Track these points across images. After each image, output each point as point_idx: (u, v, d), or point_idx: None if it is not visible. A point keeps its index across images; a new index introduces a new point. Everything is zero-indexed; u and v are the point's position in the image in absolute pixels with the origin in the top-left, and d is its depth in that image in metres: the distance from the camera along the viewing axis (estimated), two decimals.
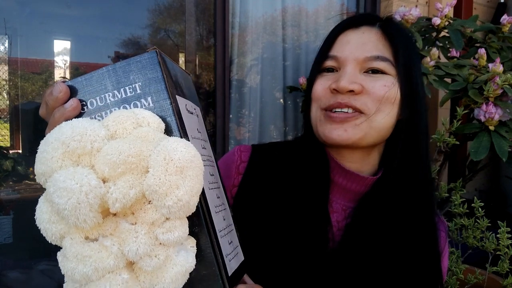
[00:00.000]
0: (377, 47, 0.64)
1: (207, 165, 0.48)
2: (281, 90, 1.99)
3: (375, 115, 0.62)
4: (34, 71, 1.76)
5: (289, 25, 2.00)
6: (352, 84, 0.61)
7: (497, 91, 1.24)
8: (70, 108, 0.43)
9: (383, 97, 0.62)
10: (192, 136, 0.46)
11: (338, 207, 0.68)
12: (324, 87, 0.65)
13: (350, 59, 0.64)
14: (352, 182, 0.67)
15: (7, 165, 1.68)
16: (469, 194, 2.13)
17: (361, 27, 0.67)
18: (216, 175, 0.53)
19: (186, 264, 0.41)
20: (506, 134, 1.24)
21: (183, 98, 0.48)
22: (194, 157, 0.40)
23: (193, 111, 0.51)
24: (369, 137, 0.63)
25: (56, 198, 0.35)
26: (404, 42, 0.65)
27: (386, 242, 0.64)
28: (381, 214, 0.65)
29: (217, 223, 0.46)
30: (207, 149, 0.52)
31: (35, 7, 1.68)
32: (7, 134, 1.74)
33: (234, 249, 0.51)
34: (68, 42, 1.78)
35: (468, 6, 2.29)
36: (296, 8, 2.02)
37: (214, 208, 0.47)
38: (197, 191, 0.40)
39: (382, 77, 0.63)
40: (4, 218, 1.68)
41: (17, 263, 1.69)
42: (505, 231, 1.28)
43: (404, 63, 0.64)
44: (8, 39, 1.66)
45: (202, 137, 0.51)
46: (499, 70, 1.30)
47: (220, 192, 0.53)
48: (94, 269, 0.37)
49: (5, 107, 1.75)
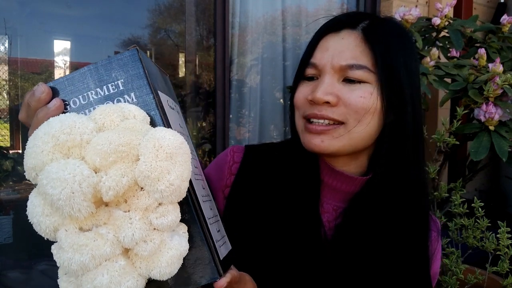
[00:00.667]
0: (354, 54, 0.62)
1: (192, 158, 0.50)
2: (281, 90, 1.99)
3: (355, 127, 0.62)
4: (34, 71, 1.77)
5: (289, 25, 2.00)
6: (327, 95, 0.61)
7: (497, 91, 1.24)
8: (54, 108, 0.44)
9: (361, 108, 0.61)
10: (175, 130, 0.47)
11: (329, 208, 0.68)
12: (303, 96, 0.65)
13: (328, 68, 0.63)
14: (342, 183, 0.67)
15: (7, 165, 1.68)
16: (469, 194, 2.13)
17: (341, 31, 0.65)
18: (199, 168, 0.55)
19: (181, 247, 0.42)
20: (506, 134, 1.24)
21: (164, 94, 0.50)
22: (182, 144, 0.42)
23: (174, 107, 0.53)
24: (348, 147, 0.63)
25: (50, 189, 0.36)
26: (387, 43, 0.63)
27: (376, 242, 0.64)
28: (371, 214, 0.65)
29: (205, 211, 0.48)
30: (190, 144, 0.53)
31: (35, 7, 1.68)
32: (7, 134, 1.74)
33: (222, 237, 0.52)
34: (68, 42, 1.79)
35: (468, 6, 2.29)
36: (296, 8, 2.02)
37: (201, 197, 0.49)
38: (187, 177, 0.42)
39: (360, 86, 0.62)
40: (4, 218, 1.68)
41: (17, 263, 1.69)
42: (505, 231, 1.28)
43: (385, 66, 0.62)
44: (8, 39, 1.66)
45: (184, 132, 0.53)
46: (499, 70, 1.30)
47: (205, 184, 0.54)
48: (91, 257, 0.38)
49: (5, 107, 1.75)
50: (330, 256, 0.64)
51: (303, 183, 0.67)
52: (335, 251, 0.64)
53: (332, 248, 0.64)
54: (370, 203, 0.65)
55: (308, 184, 0.67)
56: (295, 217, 0.66)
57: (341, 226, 0.65)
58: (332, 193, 0.68)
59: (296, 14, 2.02)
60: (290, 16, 2.00)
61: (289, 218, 0.65)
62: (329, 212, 0.68)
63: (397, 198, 0.65)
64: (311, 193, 0.67)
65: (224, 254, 0.50)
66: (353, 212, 0.66)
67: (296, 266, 0.63)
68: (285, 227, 0.65)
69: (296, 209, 0.66)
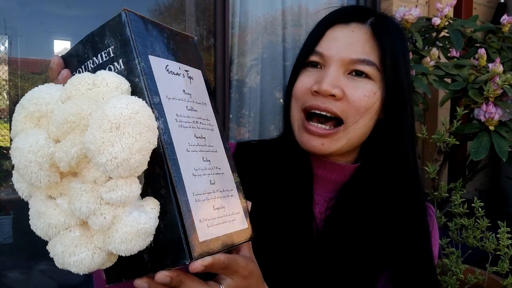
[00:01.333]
0: (364, 49, 0.62)
1: (189, 127, 0.46)
2: (281, 90, 1.99)
3: (353, 125, 0.61)
4: (34, 71, 1.77)
5: (289, 25, 2.00)
6: (334, 88, 0.60)
7: (497, 91, 1.24)
8: (61, 78, 0.45)
9: (362, 107, 0.61)
10: (169, 97, 0.45)
11: (320, 199, 0.68)
12: (305, 86, 0.63)
13: (335, 59, 0.62)
14: (332, 172, 0.67)
15: (7, 165, 1.68)
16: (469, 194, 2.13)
17: (351, 24, 0.64)
18: (211, 138, 0.50)
19: (137, 225, 0.40)
20: (506, 134, 1.24)
21: (163, 58, 0.46)
22: (135, 113, 0.39)
23: (181, 72, 0.49)
24: (346, 146, 0.63)
25: (13, 158, 0.39)
26: (393, 43, 0.63)
27: (368, 230, 0.64)
28: (361, 202, 0.65)
29: (194, 185, 0.44)
30: (200, 111, 0.50)
31: (35, 7, 1.68)
32: (7, 134, 1.74)
33: (226, 216, 0.47)
34: (68, 42, 1.79)
35: (468, 6, 2.29)
36: (296, 8, 2.02)
37: (191, 170, 0.45)
38: (139, 149, 0.39)
39: (364, 83, 0.62)
40: (4, 218, 1.68)
41: (17, 263, 1.69)
42: (505, 231, 1.28)
43: (391, 66, 0.62)
44: (8, 39, 1.66)
45: (192, 99, 0.49)
46: (499, 70, 1.30)
47: (216, 157, 0.49)
48: (47, 226, 0.40)
49: (5, 107, 1.75)
50: (322, 248, 0.64)
51: (295, 178, 0.67)
52: (327, 242, 0.64)
53: (323, 240, 0.64)
54: (359, 191, 0.65)
55: (300, 179, 0.67)
56: (288, 212, 0.65)
57: (331, 217, 0.66)
58: (323, 184, 0.68)
59: (296, 14, 2.02)
60: (290, 16, 2.00)
61: (281, 213, 0.65)
62: (320, 203, 0.68)
63: (390, 186, 0.65)
64: (303, 189, 0.67)
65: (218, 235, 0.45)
66: (343, 202, 0.66)
67: (289, 260, 0.63)
68: (278, 222, 0.65)
69: (289, 205, 0.66)
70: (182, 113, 0.46)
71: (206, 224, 0.44)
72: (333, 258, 0.63)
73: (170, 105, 0.45)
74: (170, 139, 0.43)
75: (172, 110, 0.45)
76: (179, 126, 0.45)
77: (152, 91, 0.43)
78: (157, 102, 0.43)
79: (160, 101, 0.44)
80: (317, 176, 0.68)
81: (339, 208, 0.65)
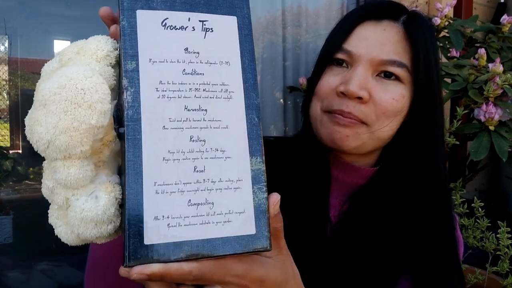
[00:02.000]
0: (397, 49, 0.58)
1: (179, 97, 0.38)
2: (281, 90, 1.99)
3: (377, 127, 0.59)
4: (34, 71, 1.76)
5: (289, 25, 2.00)
6: (361, 90, 0.56)
7: (497, 91, 1.24)
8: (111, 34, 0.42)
9: (390, 111, 0.58)
10: (153, 60, 0.37)
11: (336, 202, 0.66)
12: (330, 86, 0.60)
13: (364, 59, 0.58)
14: (349, 175, 0.64)
15: (7, 165, 1.68)
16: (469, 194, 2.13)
17: (383, 21, 0.60)
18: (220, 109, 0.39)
19: (81, 212, 0.37)
20: (506, 134, 1.24)
21: (161, 10, 0.39)
22: (62, 88, 0.34)
23: (189, 25, 0.39)
24: (367, 146, 0.60)
25: None
26: (426, 44, 0.59)
27: (384, 234, 0.61)
28: (376, 207, 0.62)
29: (159, 173, 0.36)
30: (210, 74, 0.39)
31: (35, 7, 1.68)
32: (7, 134, 1.74)
33: (212, 215, 0.37)
34: (68, 42, 1.78)
35: (468, 6, 2.28)
36: (297, 8, 2.02)
37: (161, 153, 0.36)
38: (64, 129, 0.34)
39: (394, 86, 0.58)
40: (4, 218, 1.68)
41: (17, 263, 1.68)
42: (505, 231, 1.27)
43: (423, 68, 0.59)
44: (8, 39, 1.66)
45: (199, 59, 0.39)
46: (499, 70, 1.30)
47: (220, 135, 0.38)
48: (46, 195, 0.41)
49: (5, 107, 1.75)
50: (335, 252, 0.61)
51: (312, 180, 0.64)
52: (339, 247, 0.62)
53: (336, 244, 0.62)
54: (376, 195, 0.62)
55: (318, 181, 0.64)
56: (302, 214, 0.63)
57: (344, 221, 0.63)
58: (340, 187, 0.65)
59: (297, 14, 2.02)
60: (291, 16, 2.00)
61: (295, 215, 0.62)
62: (335, 206, 0.65)
63: (415, 190, 0.62)
64: (320, 191, 0.64)
65: (187, 239, 0.35)
66: (356, 206, 0.63)
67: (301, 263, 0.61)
68: (290, 223, 0.61)
69: (304, 207, 0.63)
70: (172, 80, 0.38)
71: (166, 223, 0.35)
72: (347, 263, 0.60)
73: (153, 70, 0.37)
74: (137, 114, 0.36)
75: (153, 76, 0.37)
76: (160, 97, 0.37)
77: (127, 55, 0.37)
78: (131, 69, 0.37)
79: (136, 67, 0.37)
80: (334, 178, 0.65)
81: (351, 212, 0.63)
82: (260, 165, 0.39)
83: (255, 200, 0.38)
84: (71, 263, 1.69)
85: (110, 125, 0.39)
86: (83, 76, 0.35)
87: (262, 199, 0.39)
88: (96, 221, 0.37)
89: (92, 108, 0.35)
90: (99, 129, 0.37)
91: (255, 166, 0.39)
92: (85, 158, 0.37)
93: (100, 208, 0.37)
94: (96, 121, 0.35)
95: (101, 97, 0.36)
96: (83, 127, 0.35)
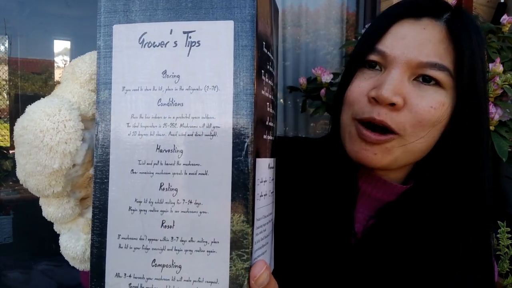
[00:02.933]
0: (437, 51, 0.51)
1: (151, 134, 0.32)
2: (281, 90, 1.99)
3: (410, 138, 0.52)
4: (34, 71, 1.76)
5: (289, 25, 2.00)
6: (395, 96, 0.50)
7: (497, 91, 1.24)
8: None
9: (427, 120, 0.51)
10: (127, 88, 0.33)
11: (360, 217, 0.60)
12: (361, 91, 0.53)
13: (400, 61, 0.51)
14: (379, 190, 0.58)
15: (7, 165, 1.68)
16: None
17: (422, 19, 0.53)
18: (200, 150, 0.31)
19: (64, 249, 0.36)
20: (506, 134, 1.24)
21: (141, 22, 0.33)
22: (24, 129, 0.32)
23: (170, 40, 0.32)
24: (400, 160, 0.54)
25: None
26: (472, 45, 0.53)
27: (409, 257, 0.55)
28: (404, 227, 0.55)
29: (125, 225, 0.31)
30: (191, 104, 0.32)
31: (35, 7, 1.68)
32: (7, 134, 1.74)
33: (177, 280, 0.31)
34: (68, 42, 1.78)
35: (468, 6, 2.28)
36: (297, 8, 2.02)
37: (128, 202, 0.31)
38: (30, 173, 0.32)
39: (433, 92, 0.51)
40: (4, 218, 1.68)
41: (17, 263, 1.68)
42: (505, 231, 1.28)
43: (468, 73, 0.52)
44: (8, 39, 1.66)
45: (179, 84, 0.32)
46: (499, 70, 1.30)
47: (197, 184, 0.31)
48: None
49: (5, 107, 1.75)
50: (355, 266, 0.56)
51: (339, 192, 0.58)
52: (360, 262, 0.56)
53: (357, 259, 0.57)
54: (404, 215, 0.56)
55: (344, 194, 0.59)
56: (325, 227, 0.57)
57: (367, 237, 0.57)
58: (367, 202, 0.60)
59: (297, 14, 2.02)
60: (291, 16, 2.00)
61: (317, 226, 0.58)
62: (360, 222, 0.59)
63: (451, 215, 0.55)
64: (346, 204, 0.58)
65: None
66: (382, 224, 0.57)
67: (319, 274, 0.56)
68: (312, 235, 0.57)
69: (328, 219, 0.58)
70: (145, 113, 0.32)
71: (127, 282, 0.31)
72: (368, 279, 0.55)
73: (125, 101, 0.32)
74: (106, 154, 0.32)
75: (125, 109, 0.32)
76: (131, 134, 0.32)
77: (100, 83, 0.32)
78: (103, 99, 0.32)
79: (108, 97, 0.32)
80: (361, 192, 0.59)
81: (377, 229, 0.57)
82: (243, 226, 0.31)
83: (232, 270, 0.31)
84: None
85: (91, 160, 0.35)
86: (44, 115, 0.32)
87: (240, 270, 0.31)
88: (78, 259, 0.36)
89: (53, 151, 0.32)
90: (70, 169, 0.34)
91: (237, 226, 0.31)
92: (65, 196, 0.35)
93: (79, 249, 0.36)
94: (60, 164, 0.32)
95: (64, 137, 0.32)
96: (47, 171, 0.32)
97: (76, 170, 0.34)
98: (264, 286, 0.32)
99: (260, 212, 0.33)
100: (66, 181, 0.34)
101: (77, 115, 0.33)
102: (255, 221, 0.32)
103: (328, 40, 2.01)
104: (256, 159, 0.32)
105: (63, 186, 0.34)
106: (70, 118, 0.33)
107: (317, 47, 1.99)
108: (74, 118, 0.33)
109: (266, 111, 0.34)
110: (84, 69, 0.35)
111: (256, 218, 0.32)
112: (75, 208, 0.36)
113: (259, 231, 0.33)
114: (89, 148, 0.35)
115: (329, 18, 2.04)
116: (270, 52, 0.35)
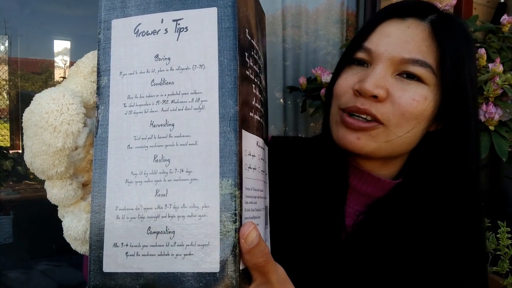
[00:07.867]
0: (420, 48, 0.53)
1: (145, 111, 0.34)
2: (281, 90, 1.99)
3: (395, 129, 0.54)
4: (34, 71, 1.76)
5: (289, 25, 2.00)
6: (377, 88, 0.52)
7: (497, 91, 1.24)
8: None
9: (409, 112, 0.53)
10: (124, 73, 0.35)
11: (351, 212, 0.61)
12: (347, 84, 0.56)
13: (384, 57, 0.54)
14: (368, 185, 0.60)
15: (7, 165, 1.68)
16: None
17: (407, 19, 0.56)
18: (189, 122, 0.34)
19: (67, 230, 0.38)
20: (506, 134, 1.24)
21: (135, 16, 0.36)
22: (31, 113, 0.35)
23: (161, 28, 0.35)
24: (383, 150, 0.55)
25: None
26: (456, 44, 0.55)
27: (399, 252, 0.56)
28: (393, 223, 0.57)
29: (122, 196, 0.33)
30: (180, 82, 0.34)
31: (35, 7, 1.68)
32: (7, 134, 1.74)
33: (172, 246, 0.33)
34: (68, 42, 1.78)
35: (468, 6, 2.28)
36: (296, 8, 2.02)
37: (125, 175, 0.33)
38: (37, 153, 0.35)
39: (415, 86, 0.54)
40: (4, 218, 1.68)
41: (17, 263, 1.68)
42: (505, 231, 1.28)
43: (450, 70, 0.54)
44: (8, 39, 1.66)
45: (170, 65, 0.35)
46: (499, 70, 1.30)
47: (187, 154, 0.33)
48: None
49: (5, 107, 1.75)
50: (346, 261, 0.58)
51: (329, 187, 0.61)
52: (350, 257, 0.58)
53: (347, 254, 0.58)
54: (395, 211, 0.58)
55: (334, 189, 0.61)
56: (316, 222, 0.59)
57: (357, 232, 0.59)
58: (357, 197, 0.61)
59: (296, 14, 2.02)
60: (290, 16, 2.00)
61: (309, 220, 0.60)
62: (350, 216, 0.61)
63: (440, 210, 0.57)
64: (336, 199, 0.60)
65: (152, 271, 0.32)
66: (371, 219, 0.59)
67: (313, 268, 0.58)
68: (303, 229, 0.59)
69: (319, 214, 0.60)
70: (139, 93, 0.35)
71: (124, 251, 0.33)
72: (358, 274, 0.57)
73: (122, 84, 0.35)
74: (105, 133, 0.35)
75: (122, 91, 0.35)
76: (127, 113, 0.35)
77: (101, 71, 0.36)
78: (103, 85, 0.36)
79: (107, 83, 0.36)
80: (351, 187, 0.61)
81: (366, 225, 0.59)
82: (231, 189, 0.32)
83: (222, 232, 0.32)
84: (71, 263, 1.69)
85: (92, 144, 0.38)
86: (50, 99, 0.35)
87: (230, 231, 0.32)
88: (80, 240, 0.38)
89: (57, 131, 0.35)
90: (73, 151, 0.36)
91: (226, 190, 0.32)
92: (68, 178, 0.37)
93: (81, 228, 0.38)
94: (63, 144, 0.35)
95: (67, 119, 0.35)
96: (51, 150, 0.35)
97: (78, 153, 0.37)
98: (254, 245, 0.33)
99: (249, 182, 0.35)
100: (69, 162, 0.36)
101: (79, 101, 0.37)
102: (243, 189, 0.34)
103: (328, 40, 2.01)
104: (243, 131, 0.34)
105: (66, 166, 0.36)
106: (73, 102, 0.36)
107: (317, 47, 1.99)
108: (77, 103, 0.36)
109: (252, 92, 0.37)
110: (87, 63, 0.39)
111: (245, 187, 0.34)
112: (77, 190, 0.38)
113: (249, 201, 0.35)
114: (90, 132, 0.38)
115: (329, 18, 2.04)
116: (255, 42, 0.39)
